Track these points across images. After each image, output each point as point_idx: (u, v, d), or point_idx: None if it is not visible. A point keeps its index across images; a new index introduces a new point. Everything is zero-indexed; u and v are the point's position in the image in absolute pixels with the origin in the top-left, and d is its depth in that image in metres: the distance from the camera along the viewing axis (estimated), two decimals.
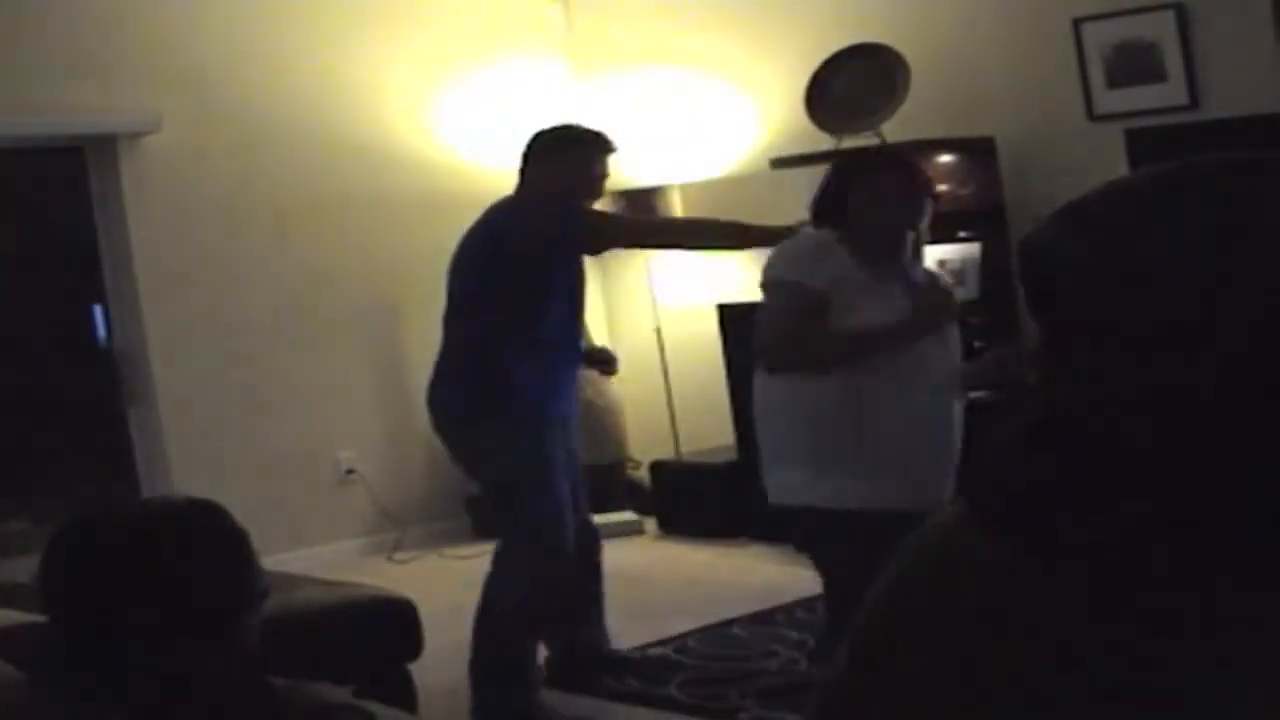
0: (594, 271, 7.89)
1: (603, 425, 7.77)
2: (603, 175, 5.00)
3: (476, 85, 7.83)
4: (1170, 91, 6.05)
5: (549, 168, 4.91)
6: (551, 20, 8.10)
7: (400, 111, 7.65)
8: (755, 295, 7.46)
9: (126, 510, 2.21)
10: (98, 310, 7.17)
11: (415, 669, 4.69)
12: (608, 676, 5.16)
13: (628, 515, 7.55)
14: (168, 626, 2.04)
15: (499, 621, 4.83)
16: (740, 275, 7.50)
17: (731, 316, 7.12)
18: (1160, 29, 6.04)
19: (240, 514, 7.49)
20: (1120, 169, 5.99)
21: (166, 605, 2.04)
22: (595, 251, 5.25)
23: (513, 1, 8.01)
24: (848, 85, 6.64)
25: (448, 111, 7.77)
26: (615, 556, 6.87)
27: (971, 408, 4.15)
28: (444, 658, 5.01)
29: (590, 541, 5.13)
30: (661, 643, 5.49)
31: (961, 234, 6.52)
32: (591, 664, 5.19)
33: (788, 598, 5.87)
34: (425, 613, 4.71)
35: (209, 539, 2.16)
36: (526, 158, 4.98)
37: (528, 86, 7.91)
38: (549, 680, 5.09)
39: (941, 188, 6.60)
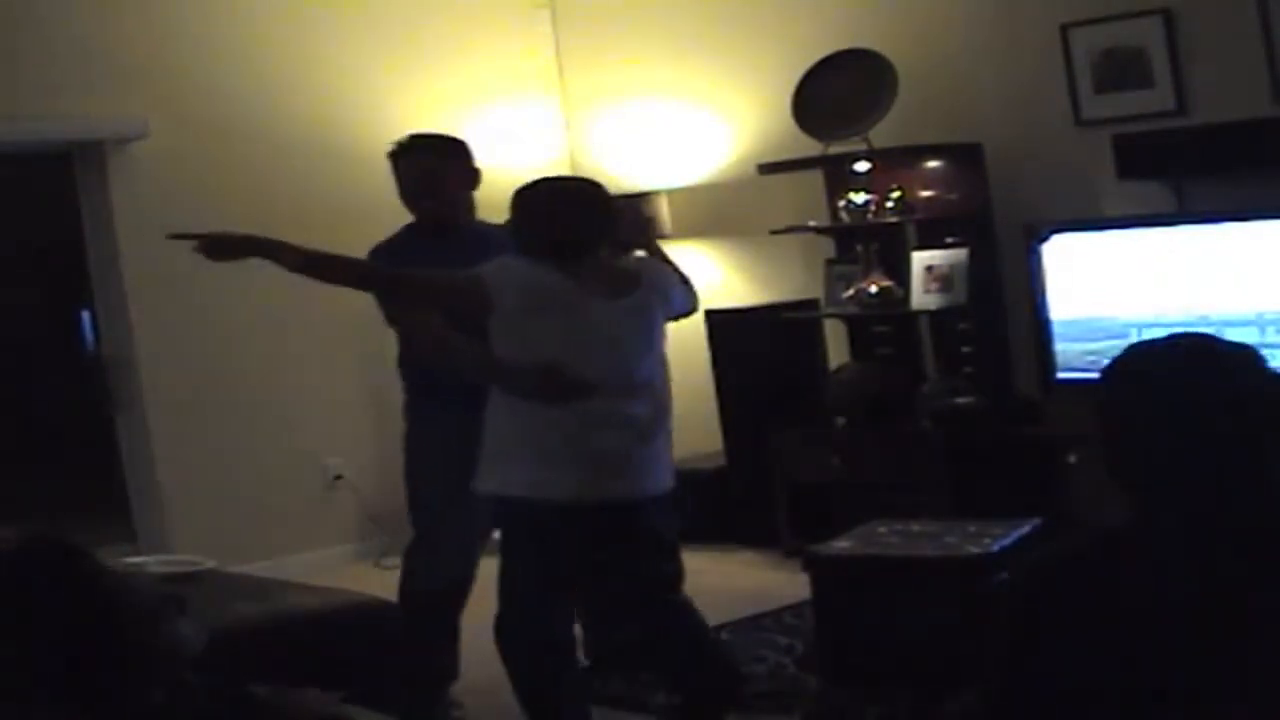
0: None
1: None
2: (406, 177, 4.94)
3: (469, 102, 7.82)
4: (1158, 97, 6.05)
5: None
6: (543, 46, 8.09)
7: (391, 122, 7.62)
8: (743, 301, 7.47)
9: None
10: (85, 316, 7.16)
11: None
12: None
13: None
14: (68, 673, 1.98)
15: None
16: (730, 282, 7.50)
17: (719, 323, 7.12)
18: (1148, 35, 6.05)
19: (228, 520, 7.45)
20: (1108, 174, 6.00)
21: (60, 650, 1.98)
22: None
23: (508, 30, 8.02)
24: (836, 91, 6.64)
25: (442, 124, 7.76)
26: None
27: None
28: None
29: None
30: None
31: (949, 239, 6.52)
32: None
33: (776, 603, 5.87)
34: None
35: (46, 571, 2.03)
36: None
37: (523, 111, 7.92)
38: None
39: (929, 193, 6.64)
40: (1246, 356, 2.10)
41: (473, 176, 4.95)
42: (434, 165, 4.90)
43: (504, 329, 4.13)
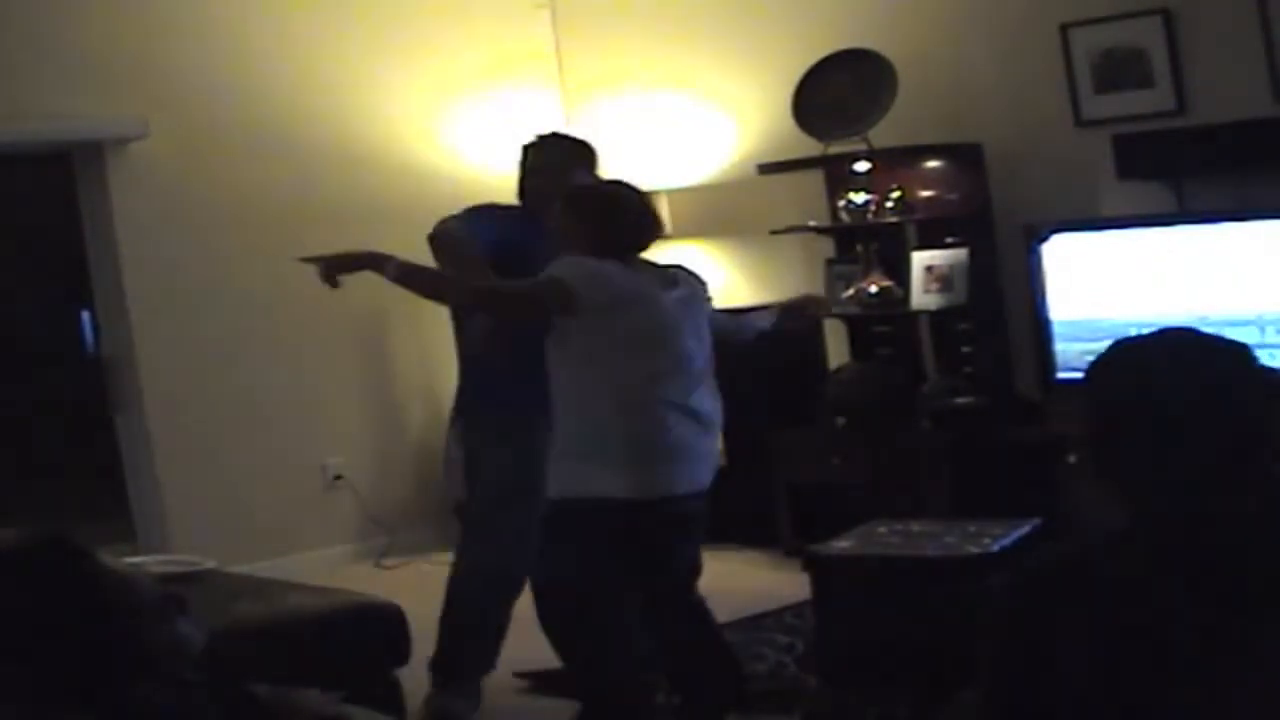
0: None
1: None
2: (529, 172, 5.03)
3: (468, 98, 7.82)
4: (1158, 97, 6.05)
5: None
6: (543, 42, 8.08)
7: (391, 120, 7.64)
8: (744, 301, 7.45)
9: None
10: (85, 316, 7.16)
11: (403, 675, 4.69)
12: None
13: None
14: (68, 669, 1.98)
15: None
16: (730, 282, 7.50)
17: None
18: (1148, 35, 6.05)
19: (228, 520, 7.45)
20: (1107, 175, 6.00)
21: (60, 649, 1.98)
22: None
23: (508, 26, 8.01)
24: (836, 91, 6.64)
25: (439, 123, 7.76)
26: None
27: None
28: None
29: None
30: None
31: (949, 239, 6.52)
32: None
33: (776, 603, 5.87)
34: (413, 619, 4.70)
35: (47, 570, 2.03)
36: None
37: (522, 107, 7.90)
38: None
39: (929, 193, 6.64)
40: (1237, 352, 2.08)
41: None
42: (567, 165, 4.94)
43: (589, 326, 4.19)
